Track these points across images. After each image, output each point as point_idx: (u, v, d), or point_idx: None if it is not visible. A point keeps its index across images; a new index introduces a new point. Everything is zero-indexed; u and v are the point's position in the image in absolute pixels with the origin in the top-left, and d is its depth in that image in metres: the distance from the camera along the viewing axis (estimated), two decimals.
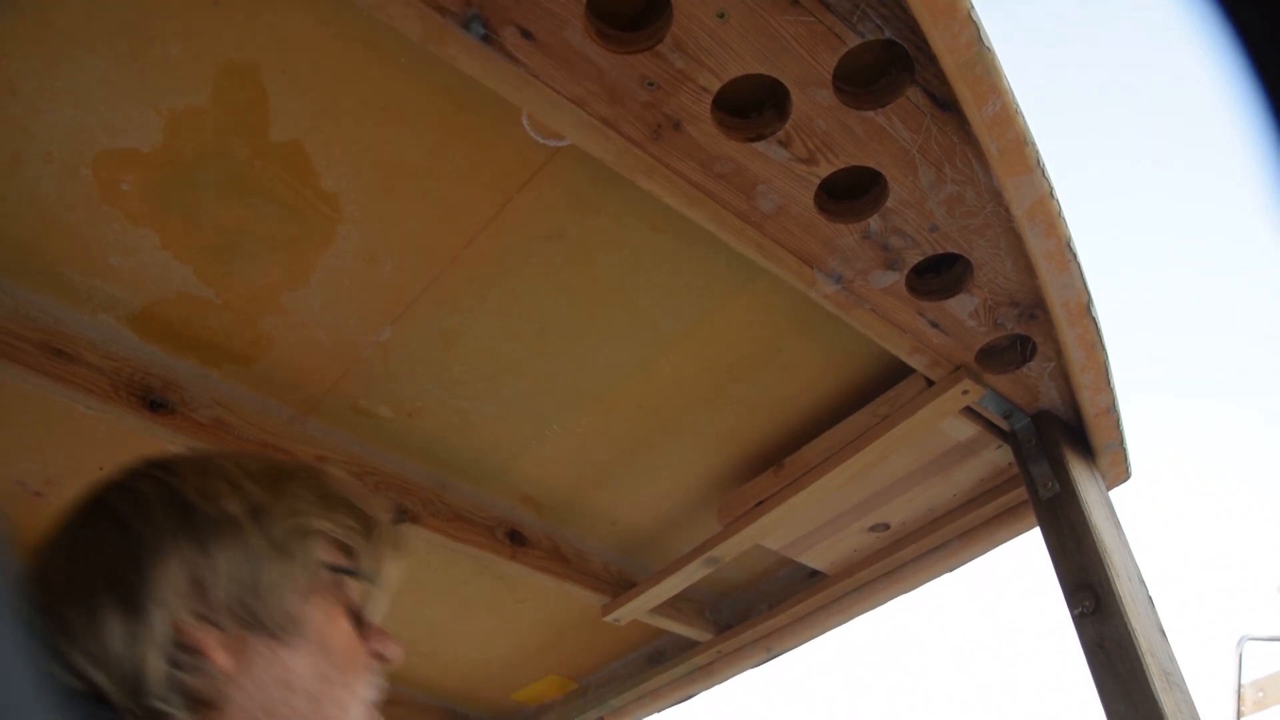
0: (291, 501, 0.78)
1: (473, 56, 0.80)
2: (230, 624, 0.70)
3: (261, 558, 0.73)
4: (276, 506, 0.76)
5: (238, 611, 0.71)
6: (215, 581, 0.70)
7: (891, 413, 1.28)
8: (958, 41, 0.79)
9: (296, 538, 0.76)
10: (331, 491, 0.84)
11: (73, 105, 0.91)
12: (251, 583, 0.72)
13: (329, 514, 0.80)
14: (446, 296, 1.16)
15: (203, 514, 0.72)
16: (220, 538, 0.71)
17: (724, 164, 0.92)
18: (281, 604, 0.73)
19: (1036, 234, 0.98)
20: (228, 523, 0.72)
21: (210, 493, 0.74)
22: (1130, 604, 1.09)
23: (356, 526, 0.83)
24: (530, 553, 1.53)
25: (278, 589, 0.73)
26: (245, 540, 0.72)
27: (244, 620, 0.71)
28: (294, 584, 0.74)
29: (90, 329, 1.12)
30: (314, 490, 0.82)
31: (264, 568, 0.72)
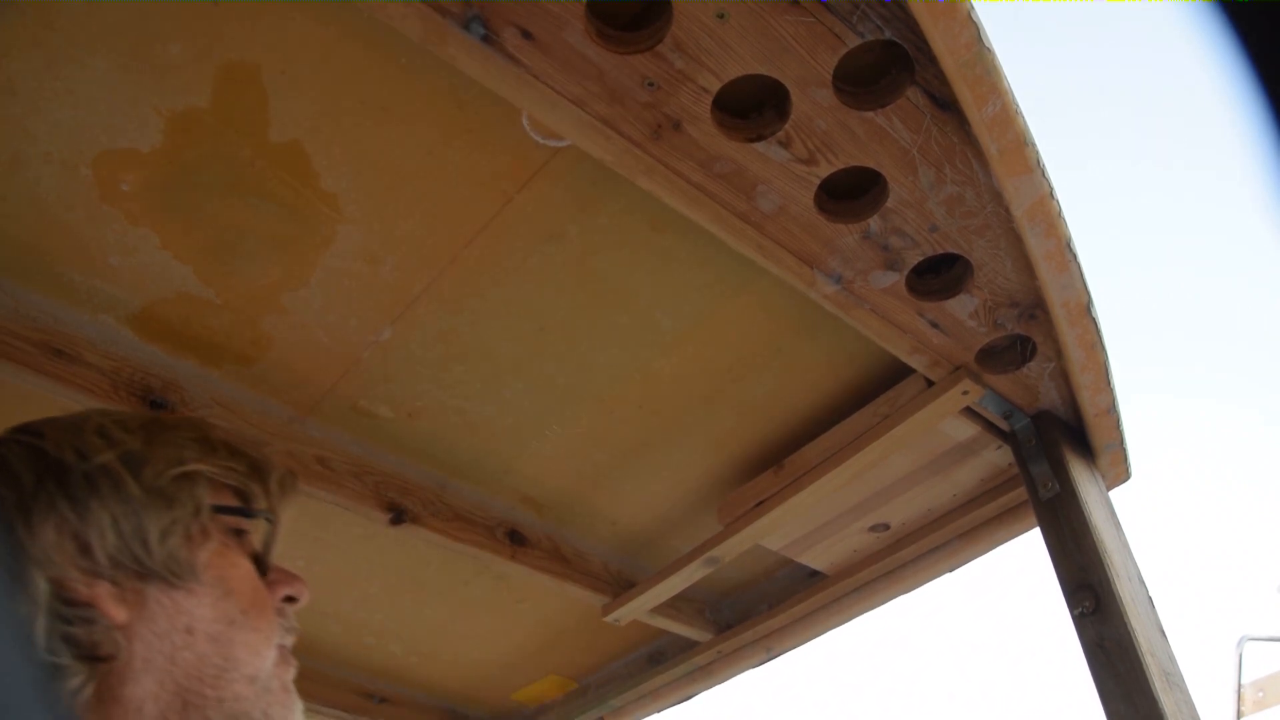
0: (168, 449, 0.77)
1: (473, 57, 0.80)
2: (121, 576, 0.69)
3: (143, 506, 0.71)
4: (153, 454, 0.75)
5: (126, 563, 0.70)
6: (97, 535, 0.69)
7: (891, 413, 1.28)
8: (958, 42, 0.79)
9: (177, 483, 0.75)
10: (213, 438, 0.82)
11: (73, 105, 0.91)
12: (136, 532, 0.70)
13: (211, 458, 0.79)
14: (446, 296, 1.16)
15: (74, 470, 0.71)
16: (96, 491, 0.70)
17: (724, 164, 0.92)
18: (171, 550, 0.72)
19: (1036, 234, 0.98)
20: (103, 475, 0.71)
21: (81, 448, 0.73)
22: (1130, 604, 1.09)
23: (241, 468, 0.81)
24: (530, 553, 1.53)
25: (165, 535, 0.72)
26: (123, 491, 0.71)
27: (135, 571, 0.70)
28: (182, 529, 0.73)
29: (90, 329, 1.12)
30: (193, 437, 0.80)
31: (147, 516, 0.71)
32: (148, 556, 0.70)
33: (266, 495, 0.83)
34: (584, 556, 1.62)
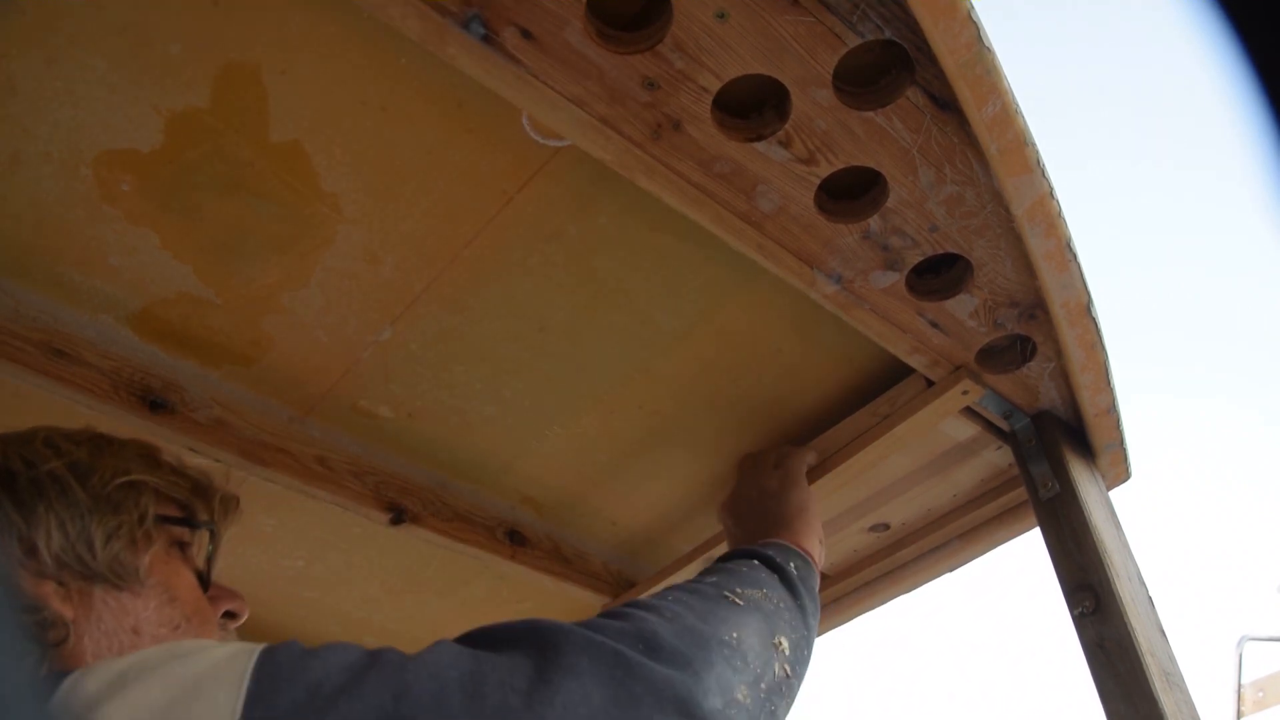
0: (114, 459, 0.80)
1: (473, 56, 0.80)
2: (67, 576, 0.72)
3: (89, 511, 0.74)
4: (99, 463, 0.78)
5: (71, 564, 0.72)
6: (43, 538, 0.71)
7: (891, 413, 1.28)
8: (958, 42, 0.79)
9: (123, 490, 0.77)
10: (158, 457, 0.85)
11: (73, 105, 0.91)
12: (81, 535, 0.73)
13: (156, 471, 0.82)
14: (446, 296, 1.16)
15: (23, 478, 0.74)
16: (43, 496, 0.73)
17: (724, 164, 0.92)
18: (115, 554, 0.74)
19: (1036, 234, 0.98)
20: (51, 481, 0.74)
21: (29, 457, 0.76)
22: (1130, 604, 1.09)
23: (185, 484, 0.85)
24: (530, 553, 1.53)
25: (110, 539, 0.74)
26: (70, 496, 0.74)
27: (80, 572, 0.72)
28: (127, 534, 0.76)
29: (90, 329, 1.12)
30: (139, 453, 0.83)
31: (93, 520, 0.74)
32: (92, 559, 0.73)
33: (209, 511, 0.86)
34: (584, 556, 1.62)
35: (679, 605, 0.78)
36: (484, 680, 0.61)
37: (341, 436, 1.34)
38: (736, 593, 0.85)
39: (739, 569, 0.93)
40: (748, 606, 0.83)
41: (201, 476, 0.88)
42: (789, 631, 0.86)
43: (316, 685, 0.56)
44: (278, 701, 0.54)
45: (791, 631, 0.86)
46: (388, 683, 0.58)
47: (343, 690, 0.56)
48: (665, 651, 0.70)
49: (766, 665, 0.78)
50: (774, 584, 0.93)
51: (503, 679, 0.61)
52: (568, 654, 0.64)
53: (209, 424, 1.20)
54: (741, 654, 0.76)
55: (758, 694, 0.75)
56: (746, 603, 0.84)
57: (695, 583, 0.88)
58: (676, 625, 0.74)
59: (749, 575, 0.91)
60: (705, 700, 0.68)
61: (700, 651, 0.72)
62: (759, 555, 0.98)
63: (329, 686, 0.56)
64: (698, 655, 0.71)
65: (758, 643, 0.79)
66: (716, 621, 0.78)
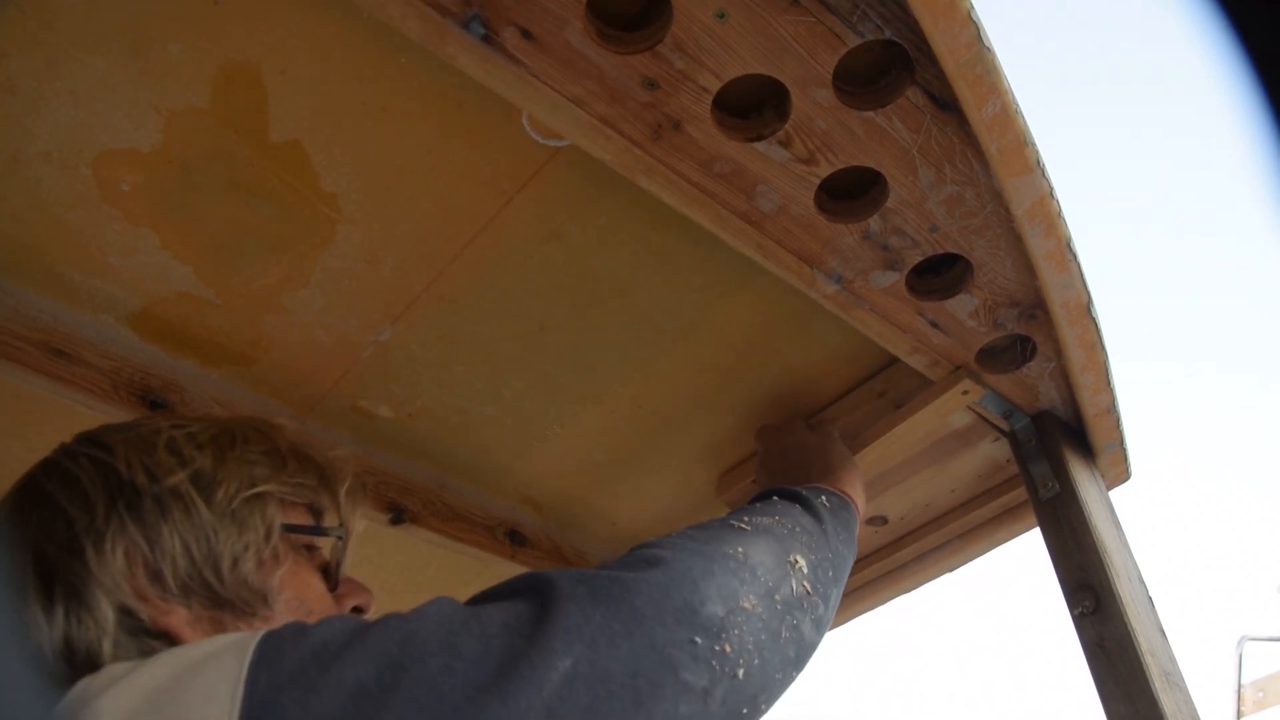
0: (239, 466, 0.74)
1: (473, 56, 0.80)
2: (195, 602, 0.68)
3: (214, 530, 0.70)
4: (224, 473, 0.73)
5: (199, 590, 0.68)
6: (168, 563, 0.67)
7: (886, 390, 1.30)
8: (958, 41, 0.79)
9: (248, 504, 0.73)
10: (282, 448, 0.80)
11: (73, 105, 0.91)
12: (208, 560, 0.69)
13: (281, 474, 0.77)
14: (447, 296, 1.16)
15: (144, 491, 0.69)
16: (166, 515, 0.68)
17: (724, 164, 0.92)
18: (243, 578, 0.70)
19: (1036, 234, 0.98)
20: (173, 498, 0.69)
21: (152, 469, 0.71)
22: (1130, 604, 1.09)
23: (311, 482, 0.80)
24: (530, 553, 1.53)
25: (237, 562, 0.70)
26: (194, 515, 0.69)
27: (209, 599, 0.68)
28: (254, 554, 0.71)
29: (90, 329, 1.12)
30: (263, 449, 0.78)
31: (218, 541, 0.69)
32: (220, 585, 0.69)
33: (337, 509, 0.81)
34: (584, 556, 1.62)
35: (679, 536, 0.78)
36: (489, 623, 0.61)
37: (341, 436, 1.34)
38: (744, 520, 0.84)
39: (752, 506, 0.92)
40: (755, 531, 0.82)
41: (326, 464, 0.83)
42: (807, 552, 0.84)
43: (322, 645, 0.56)
44: (282, 665, 0.54)
45: (810, 552, 0.84)
46: (392, 633, 0.58)
47: (347, 645, 0.56)
48: (662, 567, 0.70)
49: (781, 580, 0.77)
50: (792, 512, 0.91)
51: (506, 622, 0.61)
52: (564, 586, 0.64)
53: None
54: (749, 567, 0.75)
55: (772, 605, 0.74)
56: (754, 528, 0.82)
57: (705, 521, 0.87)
58: (675, 548, 0.73)
59: (761, 507, 0.90)
60: (704, 607, 0.67)
61: (700, 562, 0.72)
62: (781, 492, 0.97)
63: (334, 645, 0.56)
64: (696, 565, 0.71)
65: (769, 559, 0.78)
66: (718, 542, 0.77)
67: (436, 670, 0.56)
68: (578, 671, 0.58)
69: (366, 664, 0.55)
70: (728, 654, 0.67)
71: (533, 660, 0.58)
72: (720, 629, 0.67)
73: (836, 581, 0.87)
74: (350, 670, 0.54)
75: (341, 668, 0.54)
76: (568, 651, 0.59)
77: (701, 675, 0.64)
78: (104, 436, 0.75)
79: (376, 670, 0.55)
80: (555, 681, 0.57)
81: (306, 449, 0.83)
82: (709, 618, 0.67)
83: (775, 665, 0.71)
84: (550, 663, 0.58)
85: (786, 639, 0.74)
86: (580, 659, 0.59)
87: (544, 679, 0.57)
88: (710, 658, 0.65)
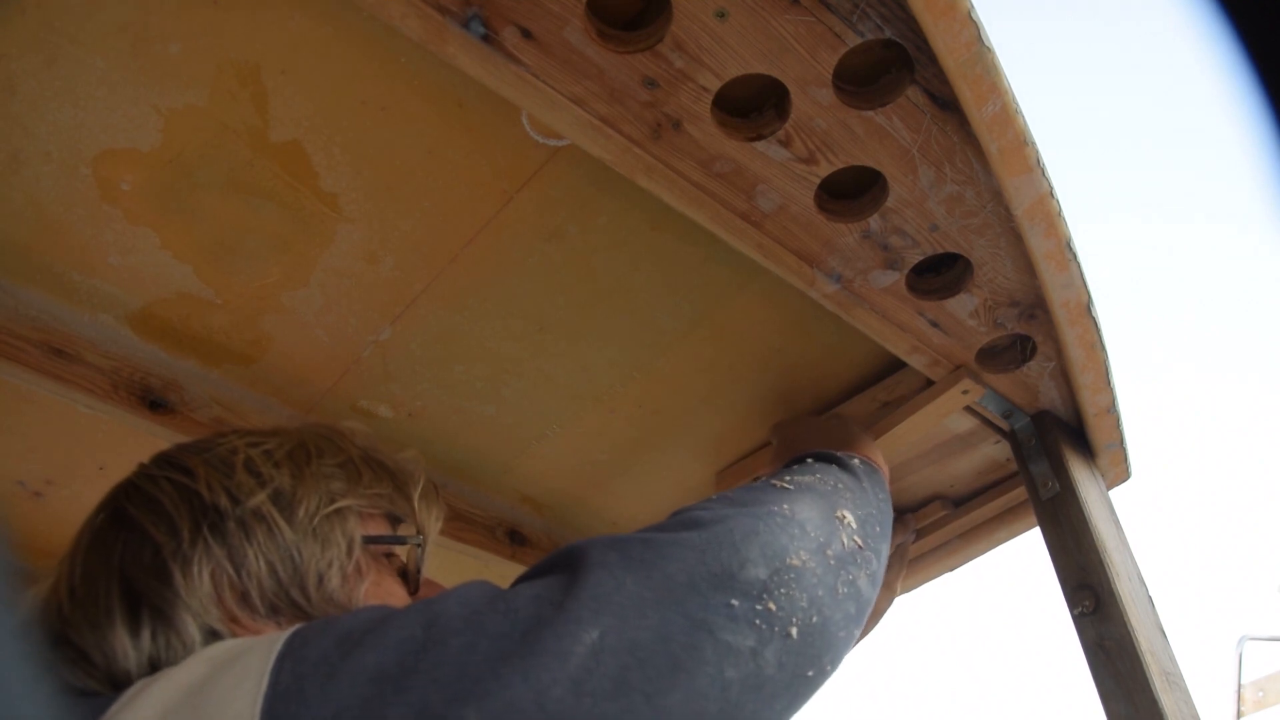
0: (317, 482, 0.75)
1: (473, 56, 0.80)
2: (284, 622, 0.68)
3: (297, 550, 0.70)
4: (303, 490, 0.73)
5: (286, 609, 0.69)
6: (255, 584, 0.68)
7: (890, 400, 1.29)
8: (958, 41, 0.79)
9: (329, 521, 0.73)
10: (354, 457, 0.81)
11: (73, 105, 0.91)
12: (292, 576, 0.70)
13: (358, 486, 0.78)
14: (446, 296, 1.16)
15: (227, 514, 0.70)
16: (250, 536, 0.69)
17: (724, 164, 0.92)
18: (329, 594, 0.71)
19: (1036, 234, 0.98)
20: (255, 519, 0.70)
21: (233, 491, 0.71)
22: (1130, 604, 1.09)
23: (386, 490, 0.80)
24: (530, 552, 1.53)
25: (323, 579, 0.71)
26: (277, 535, 0.70)
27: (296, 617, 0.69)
28: (338, 569, 0.72)
29: (90, 329, 1.12)
30: (338, 462, 0.79)
31: (302, 559, 0.70)
32: (307, 603, 0.70)
33: (413, 513, 0.82)
34: None
35: (722, 500, 0.77)
36: (517, 598, 0.60)
37: None
38: (785, 480, 0.82)
39: (790, 468, 0.90)
40: (799, 488, 0.80)
41: (398, 470, 0.84)
42: (853, 507, 0.82)
43: (346, 633, 0.56)
44: (307, 654, 0.54)
45: (857, 508, 0.83)
46: (416, 616, 0.58)
47: (370, 631, 0.56)
48: (699, 529, 0.68)
49: (831, 535, 0.76)
50: (831, 470, 0.89)
51: (537, 594, 0.61)
52: (595, 554, 0.63)
53: (209, 424, 1.20)
54: (798, 523, 0.73)
55: (825, 560, 0.72)
56: (797, 485, 0.81)
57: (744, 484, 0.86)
58: (718, 511, 0.72)
59: (801, 469, 0.88)
60: (744, 570, 0.66)
61: (743, 522, 0.70)
62: (814, 454, 0.95)
63: (358, 631, 0.57)
64: (738, 526, 0.69)
65: (816, 515, 0.76)
66: (762, 500, 0.75)
67: (459, 648, 0.55)
68: (605, 643, 0.57)
69: (388, 648, 0.55)
70: (773, 612, 0.65)
71: (558, 630, 0.57)
72: (764, 589, 0.65)
73: (884, 537, 0.86)
74: (371, 655, 0.54)
75: (363, 653, 0.54)
76: (595, 622, 0.58)
77: (746, 636, 0.62)
78: (183, 459, 0.75)
79: (398, 655, 0.55)
80: (580, 654, 0.56)
81: (377, 455, 0.84)
82: (749, 580, 0.66)
83: (837, 622, 0.70)
84: (575, 634, 0.57)
85: (845, 594, 0.72)
86: (609, 629, 0.58)
87: (569, 650, 0.56)
88: (753, 617, 0.64)
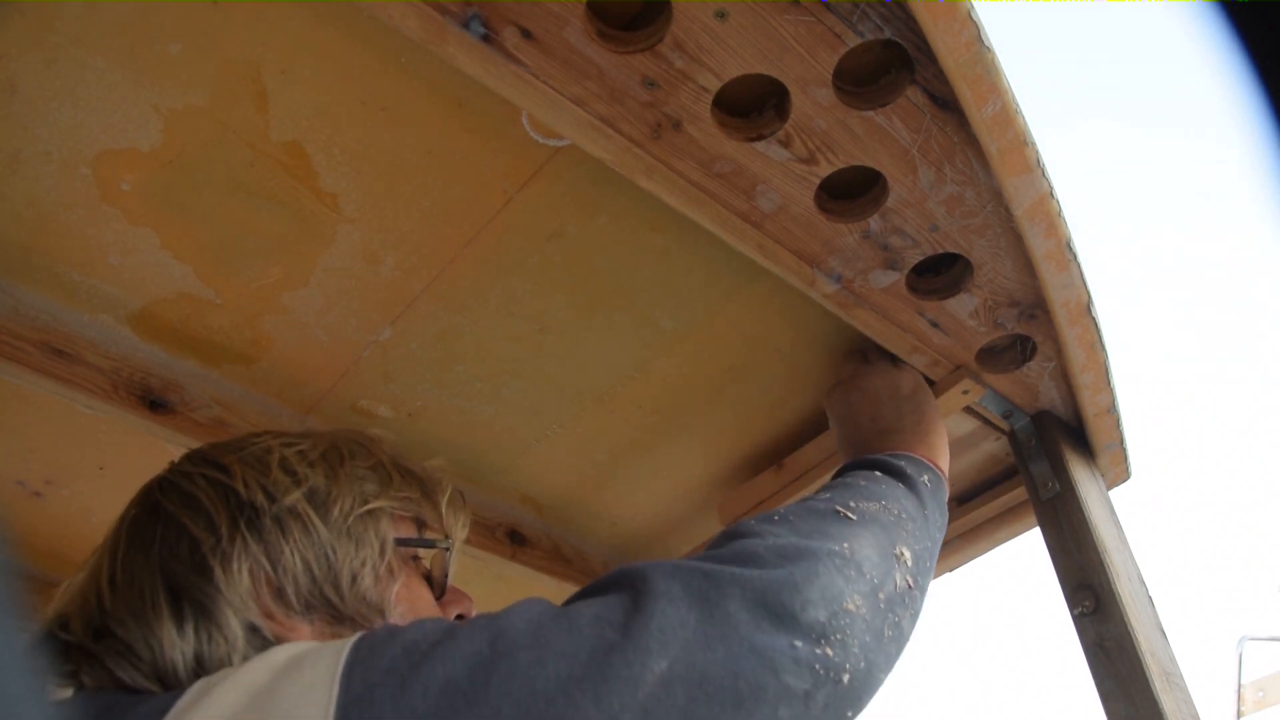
0: (350, 483, 0.77)
1: (473, 56, 0.80)
2: (318, 619, 0.70)
3: (332, 548, 0.72)
4: (337, 490, 0.75)
5: (320, 606, 0.70)
6: (290, 580, 0.69)
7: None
8: (958, 41, 0.79)
9: (363, 521, 0.75)
10: (385, 462, 0.82)
11: (73, 105, 0.91)
12: (328, 576, 0.71)
13: (389, 489, 0.79)
14: (446, 296, 1.16)
15: (264, 511, 0.71)
16: (287, 534, 0.71)
17: (724, 164, 0.92)
18: (362, 594, 0.72)
19: (1036, 234, 0.98)
20: (291, 516, 0.72)
21: (269, 489, 0.73)
22: (1130, 604, 1.09)
23: (415, 494, 0.82)
24: (530, 553, 1.53)
25: (356, 578, 0.72)
26: (312, 533, 0.71)
27: (330, 615, 0.71)
28: (371, 569, 0.73)
29: (90, 329, 1.12)
30: (369, 465, 0.80)
31: (337, 558, 0.72)
32: (340, 601, 0.71)
33: (440, 520, 0.83)
34: (584, 556, 1.62)
35: (783, 525, 0.77)
36: (579, 617, 0.61)
37: None
38: (850, 507, 0.82)
39: (857, 482, 0.90)
40: (861, 520, 0.80)
41: (427, 477, 0.85)
42: (912, 542, 0.82)
43: (413, 644, 0.58)
44: (376, 662, 0.56)
45: (915, 543, 0.83)
46: (482, 631, 0.59)
47: (438, 644, 0.58)
48: (760, 565, 0.68)
49: (886, 575, 0.75)
50: (897, 494, 0.89)
51: (598, 614, 0.62)
52: (657, 582, 0.64)
53: (209, 424, 1.20)
54: (855, 564, 0.73)
55: (875, 604, 0.72)
56: (860, 516, 0.81)
57: (810, 499, 0.85)
58: (777, 542, 0.72)
59: (867, 488, 0.88)
60: (805, 613, 0.66)
61: (803, 562, 0.70)
62: (884, 465, 0.94)
63: (425, 644, 0.58)
64: (799, 567, 0.69)
65: (874, 553, 0.76)
66: (822, 537, 0.75)
67: (527, 664, 0.57)
68: (674, 673, 0.58)
69: (457, 661, 0.56)
70: (831, 658, 0.66)
71: (627, 658, 0.58)
72: (822, 634, 0.66)
73: (932, 569, 0.86)
74: (441, 667, 0.56)
75: (433, 665, 0.56)
76: (663, 653, 0.59)
77: (804, 679, 0.64)
78: (218, 457, 0.77)
79: (468, 667, 0.56)
80: (650, 683, 0.57)
81: (406, 462, 0.85)
82: (810, 623, 0.66)
83: (880, 666, 0.70)
84: (645, 663, 0.58)
85: (890, 638, 0.73)
86: (677, 660, 0.59)
87: (639, 678, 0.57)
88: (813, 661, 0.65)
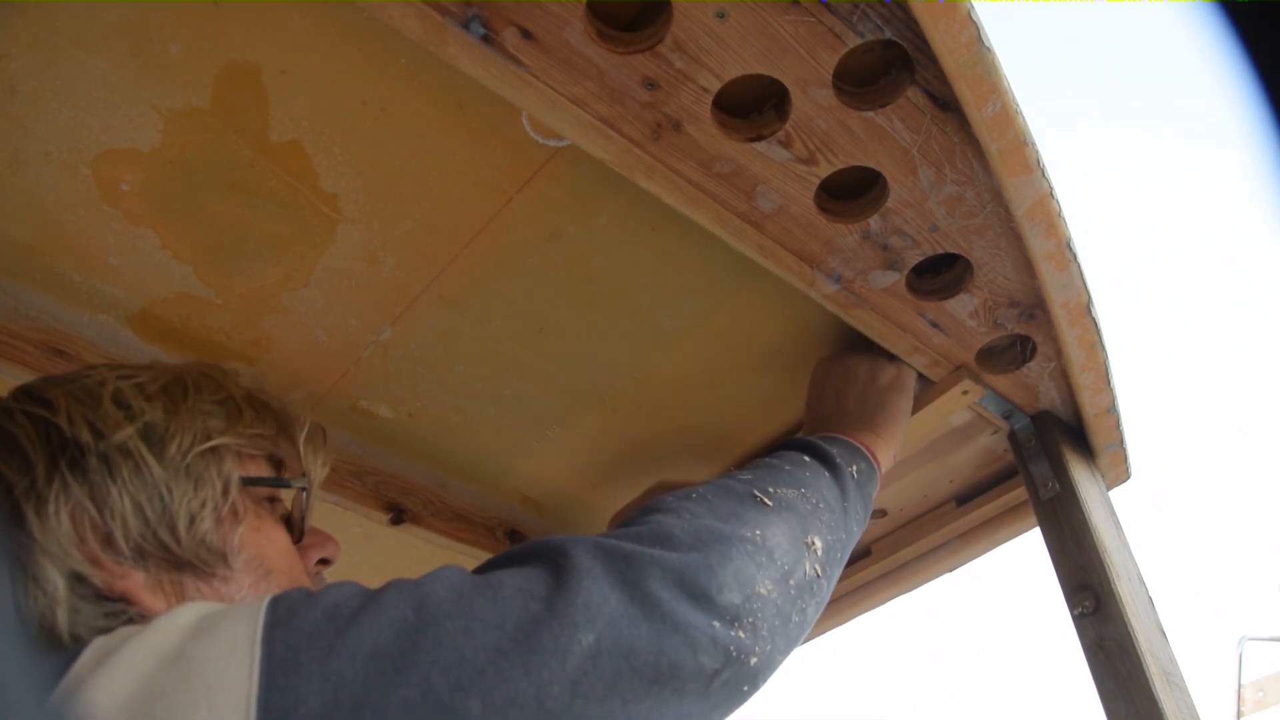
0: (192, 418, 0.70)
1: (473, 57, 0.80)
2: (154, 567, 0.64)
3: (167, 488, 0.65)
4: (176, 426, 0.68)
5: (155, 552, 0.64)
6: (119, 525, 0.63)
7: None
8: (958, 41, 0.79)
9: (204, 459, 0.68)
10: (236, 396, 0.76)
11: (73, 105, 0.91)
12: (161, 517, 0.65)
13: (238, 424, 0.73)
14: (446, 296, 1.17)
15: (89, 449, 0.64)
16: (114, 473, 0.64)
17: (724, 164, 0.92)
18: (201, 537, 0.66)
19: (1036, 234, 0.98)
20: (121, 454, 0.65)
21: (97, 424, 0.66)
22: (1130, 604, 1.09)
23: (269, 431, 0.76)
24: None
25: (194, 520, 0.66)
26: (144, 472, 0.65)
27: (167, 560, 0.65)
28: (212, 511, 0.67)
29: (90, 329, 1.12)
30: (217, 399, 0.74)
31: (172, 499, 0.65)
32: (177, 545, 0.65)
33: (298, 457, 0.77)
34: None
35: (700, 504, 0.77)
36: (500, 586, 0.61)
37: (341, 436, 1.34)
38: (768, 492, 0.82)
39: (782, 466, 0.90)
40: (778, 507, 0.80)
41: (283, 411, 0.80)
42: (825, 532, 0.83)
43: (334, 608, 0.56)
44: (298, 626, 0.53)
45: (828, 532, 0.83)
46: (406, 597, 0.59)
47: (362, 608, 0.56)
48: (676, 547, 0.69)
49: (796, 563, 0.76)
50: (820, 483, 0.89)
51: (520, 586, 0.61)
52: (580, 558, 0.63)
53: None
54: (767, 550, 0.73)
55: (786, 590, 0.73)
56: (776, 503, 0.81)
57: (728, 478, 0.85)
58: (693, 524, 0.72)
59: (790, 474, 0.88)
60: (720, 595, 0.66)
61: (717, 546, 0.70)
62: (816, 449, 0.95)
63: (348, 608, 0.56)
64: (713, 550, 0.69)
65: (786, 541, 0.77)
66: (737, 521, 0.75)
67: (453, 632, 0.56)
68: (601, 646, 0.58)
69: (384, 627, 0.55)
70: (743, 640, 0.66)
71: (554, 630, 0.58)
72: (735, 617, 0.67)
73: (841, 563, 0.87)
74: (368, 632, 0.54)
75: (360, 630, 0.54)
76: (589, 627, 0.59)
77: (716, 659, 0.64)
78: (44, 391, 0.70)
79: (394, 633, 0.55)
80: (579, 655, 0.57)
81: (262, 396, 0.79)
82: (726, 605, 0.67)
83: (782, 650, 0.71)
84: (573, 635, 0.58)
85: (796, 623, 0.73)
86: (603, 635, 0.59)
87: (567, 650, 0.57)
88: (728, 643, 0.65)
